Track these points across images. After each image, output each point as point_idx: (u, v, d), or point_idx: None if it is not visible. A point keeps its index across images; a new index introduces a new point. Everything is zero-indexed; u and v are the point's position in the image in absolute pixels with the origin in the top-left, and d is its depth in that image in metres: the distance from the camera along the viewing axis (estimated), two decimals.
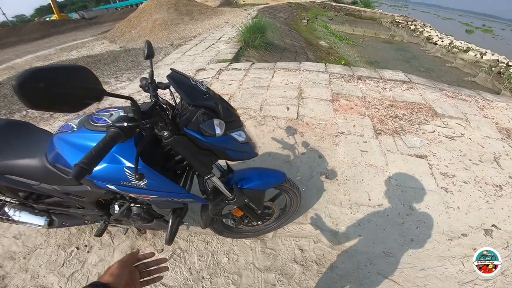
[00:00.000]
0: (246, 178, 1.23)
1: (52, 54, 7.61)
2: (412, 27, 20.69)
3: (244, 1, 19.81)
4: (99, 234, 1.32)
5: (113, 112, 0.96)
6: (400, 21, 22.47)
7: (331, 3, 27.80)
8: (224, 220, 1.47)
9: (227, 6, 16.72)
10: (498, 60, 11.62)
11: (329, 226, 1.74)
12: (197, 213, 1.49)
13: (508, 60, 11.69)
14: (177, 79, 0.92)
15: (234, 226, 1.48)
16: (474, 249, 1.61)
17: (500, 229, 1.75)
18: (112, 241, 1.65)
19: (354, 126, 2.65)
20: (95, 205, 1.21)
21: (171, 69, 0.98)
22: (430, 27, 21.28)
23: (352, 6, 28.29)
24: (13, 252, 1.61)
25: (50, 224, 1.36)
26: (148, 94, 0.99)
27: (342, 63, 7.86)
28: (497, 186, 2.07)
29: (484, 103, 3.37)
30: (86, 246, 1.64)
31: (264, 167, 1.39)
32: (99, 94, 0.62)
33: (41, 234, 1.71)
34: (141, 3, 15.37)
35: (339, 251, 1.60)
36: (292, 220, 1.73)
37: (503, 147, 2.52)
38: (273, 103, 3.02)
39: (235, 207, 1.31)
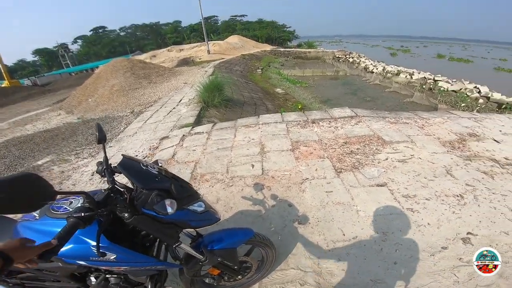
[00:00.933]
0: (215, 240, 1.29)
1: (6, 129, 7.13)
2: (351, 59, 23.73)
3: (200, 59, 21.18)
4: None
5: (72, 200, 1.03)
6: (340, 55, 25.71)
7: (280, 49, 31.23)
8: (207, 280, 1.47)
9: (185, 65, 17.34)
10: (425, 77, 13.49)
11: (311, 267, 1.76)
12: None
13: (433, 75, 13.62)
14: (128, 166, 1.02)
15: (215, 284, 1.49)
16: (460, 259, 1.67)
17: (476, 235, 1.84)
18: None
19: (316, 170, 2.81)
20: (71, 277, 1.21)
21: (122, 155, 1.08)
22: (364, 57, 24.61)
23: (298, 49, 31.98)
24: None
25: None
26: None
27: (299, 107, 8.41)
28: (458, 196, 2.23)
29: (422, 122, 3.79)
30: None
31: (232, 227, 1.47)
32: (52, 195, 0.72)
33: None
34: (97, 67, 15.32)
35: None
36: (274, 268, 1.75)
37: (451, 158, 2.78)
38: (238, 163, 3.10)
39: (210, 266, 1.35)
